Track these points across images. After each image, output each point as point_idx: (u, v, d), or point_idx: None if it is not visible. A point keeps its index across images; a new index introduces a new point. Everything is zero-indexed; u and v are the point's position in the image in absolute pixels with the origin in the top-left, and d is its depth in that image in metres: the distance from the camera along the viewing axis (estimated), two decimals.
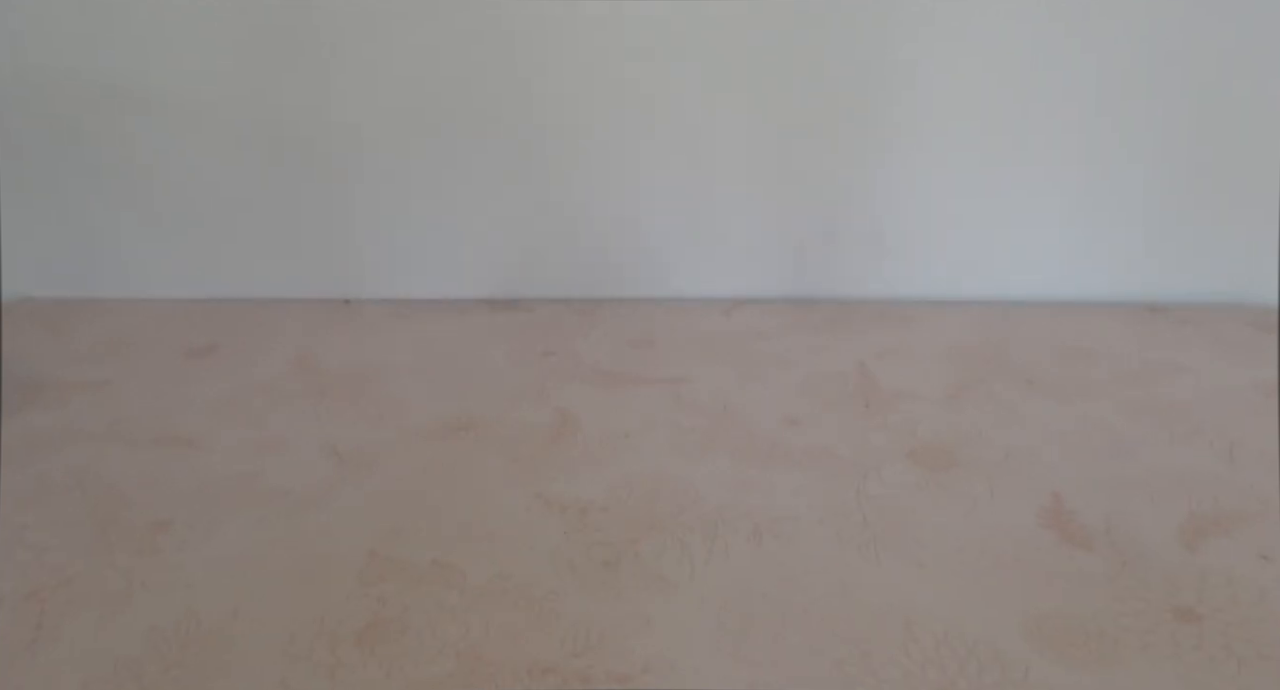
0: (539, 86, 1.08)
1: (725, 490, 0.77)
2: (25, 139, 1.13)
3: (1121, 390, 0.94)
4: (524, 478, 0.80)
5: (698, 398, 0.93)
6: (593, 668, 0.58)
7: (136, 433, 0.88)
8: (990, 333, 1.08)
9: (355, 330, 1.11)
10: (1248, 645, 0.60)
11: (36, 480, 0.80)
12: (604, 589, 0.66)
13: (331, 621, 0.62)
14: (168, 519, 0.74)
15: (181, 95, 1.10)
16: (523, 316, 1.15)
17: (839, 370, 0.99)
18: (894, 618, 0.62)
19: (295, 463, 0.82)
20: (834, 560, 0.68)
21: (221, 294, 1.20)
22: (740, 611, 0.63)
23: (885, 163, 1.10)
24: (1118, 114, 1.06)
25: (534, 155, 1.12)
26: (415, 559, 0.69)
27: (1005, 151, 1.09)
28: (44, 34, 1.07)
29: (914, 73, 1.05)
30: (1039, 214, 1.12)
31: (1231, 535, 0.70)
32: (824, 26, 1.03)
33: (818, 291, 1.18)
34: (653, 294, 1.18)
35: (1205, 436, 0.85)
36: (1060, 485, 0.77)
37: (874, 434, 0.86)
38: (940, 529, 0.72)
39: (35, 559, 0.69)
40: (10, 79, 1.10)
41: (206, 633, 0.62)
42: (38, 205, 1.16)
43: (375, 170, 1.13)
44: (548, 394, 0.95)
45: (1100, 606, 0.63)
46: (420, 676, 0.58)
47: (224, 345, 1.07)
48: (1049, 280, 1.16)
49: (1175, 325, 1.09)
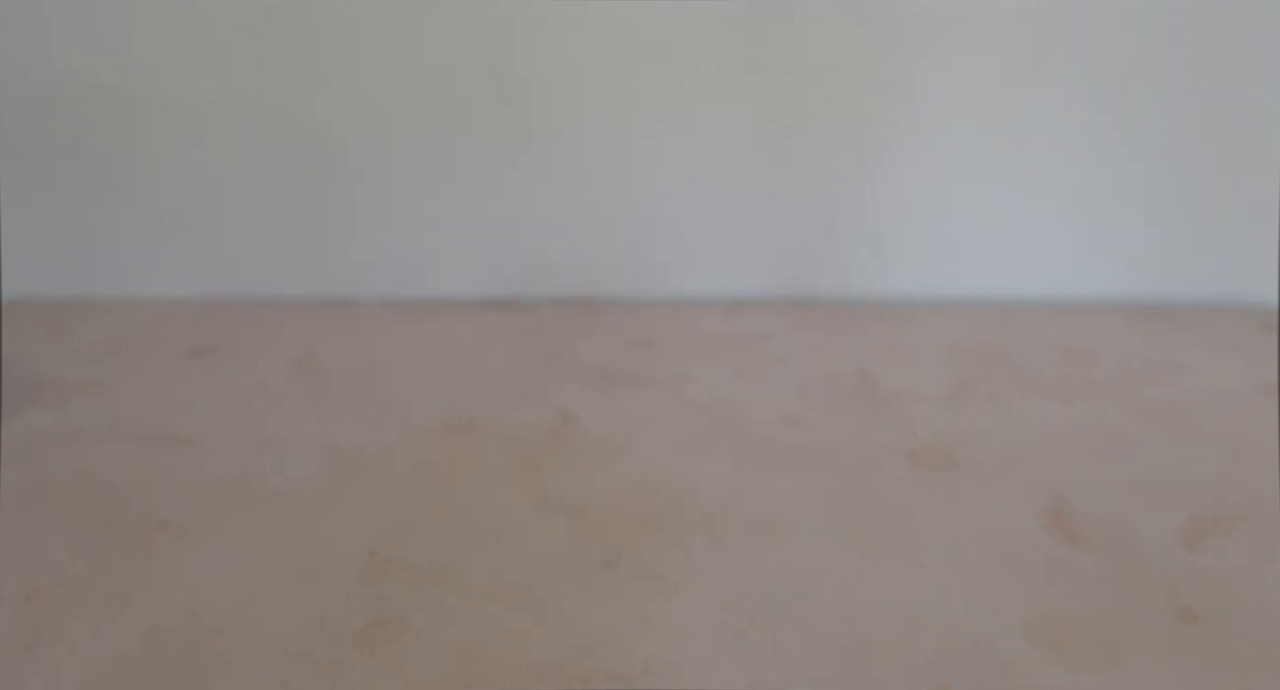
0: (540, 86, 1.08)
1: (725, 490, 0.77)
2: (25, 139, 1.13)
3: (1121, 390, 0.94)
4: (524, 478, 0.80)
5: (698, 398, 0.93)
6: (593, 668, 0.58)
7: (136, 433, 0.88)
8: (990, 333, 1.08)
9: (355, 330, 1.11)
10: (1248, 645, 0.59)
11: (36, 480, 0.80)
12: (604, 589, 0.66)
13: (331, 621, 0.62)
14: (168, 519, 0.74)
15: (181, 95, 1.10)
16: (523, 316, 1.15)
17: (839, 370, 0.99)
18: (894, 618, 0.62)
19: (295, 463, 0.82)
20: (834, 560, 0.68)
21: (221, 294, 1.20)
22: (740, 611, 0.63)
23: (885, 163, 1.10)
24: (1118, 114, 1.06)
25: (534, 155, 1.12)
26: (415, 559, 0.69)
27: (1005, 152, 1.09)
28: (44, 34, 1.07)
29: (914, 73, 1.06)
30: (1039, 214, 1.12)
31: (1231, 535, 0.70)
32: (824, 26, 1.04)
33: (818, 291, 1.18)
34: (653, 294, 1.19)
35: (1205, 436, 0.85)
36: (1060, 485, 0.77)
37: (874, 434, 0.86)
38: (940, 529, 0.72)
39: (35, 559, 0.69)
40: (10, 79, 1.10)
41: (206, 633, 0.62)
42: (38, 205, 1.16)
43: (375, 170, 1.13)
44: (548, 394, 0.94)
45: (1100, 606, 0.63)
46: (420, 676, 0.58)
47: (224, 345, 1.07)
48: (1049, 280, 1.16)
49: (1175, 325, 1.09)
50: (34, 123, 1.12)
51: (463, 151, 1.12)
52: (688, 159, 1.11)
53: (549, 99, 1.09)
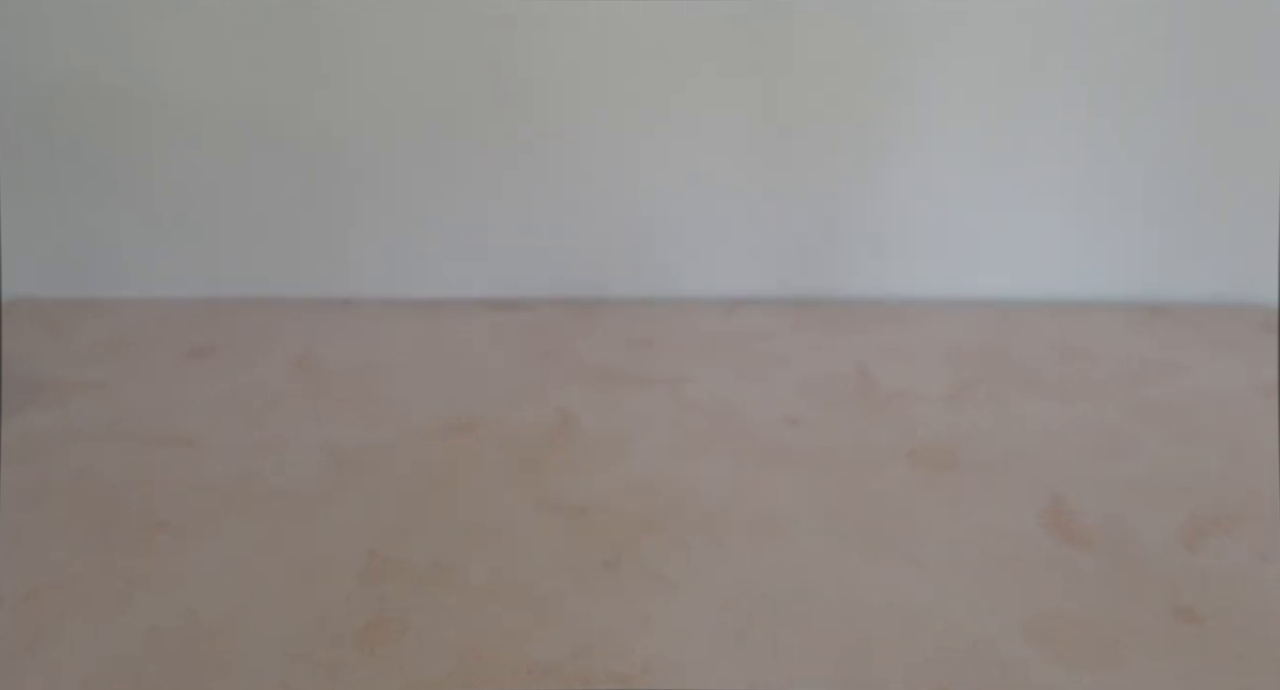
0: (540, 86, 1.08)
1: (725, 490, 0.77)
2: (25, 139, 1.13)
3: (1121, 390, 0.94)
4: (524, 478, 0.80)
5: (698, 398, 0.93)
6: (593, 668, 0.58)
7: (136, 433, 0.88)
8: (990, 333, 1.08)
9: (355, 330, 1.11)
10: (1248, 645, 0.60)
11: (36, 480, 0.80)
12: (604, 589, 0.66)
13: (331, 621, 0.62)
14: (168, 519, 0.74)
15: (181, 95, 1.10)
16: (523, 316, 1.15)
17: (839, 370, 0.99)
18: (894, 618, 0.62)
19: (295, 463, 0.82)
20: (834, 560, 0.68)
21: (221, 294, 1.20)
22: (740, 611, 0.63)
23: (885, 163, 1.10)
24: (1118, 114, 1.06)
25: (534, 155, 1.12)
26: (415, 559, 0.69)
27: (1005, 151, 1.09)
28: (44, 34, 1.07)
29: (914, 73, 1.06)
30: (1039, 214, 1.12)
31: (1231, 535, 0.70)
32: (824, 26, 1.03)
33: (818, 291, 1.18)
34: (653, 294, 1.19)
35: (1205, 436, 0.85)
36: (1060, 485, 0.77)
37: (874, 434, 0.86)
38: (940, 529, 0.72)
39: (35, 559, 0.69)
40: (10, 79, 1.10)
41: (206, 633, 0.62)
42: (38, 205, 1.17)
43: (376, 170, 1.13)
44: (548, 394, 0.94)
45: (1100, 606, 0.63)
46: (420, 676, 0.58)
47: (224, 345, 1.07)
48: (1049, 280, 1.16)
49: (1175, 325, 1.09)
50: (34, 123, 1.12)
51: (463, 151, 1.12)
52: (688, 159, 1.11)
53: (549, 99, 1.09)
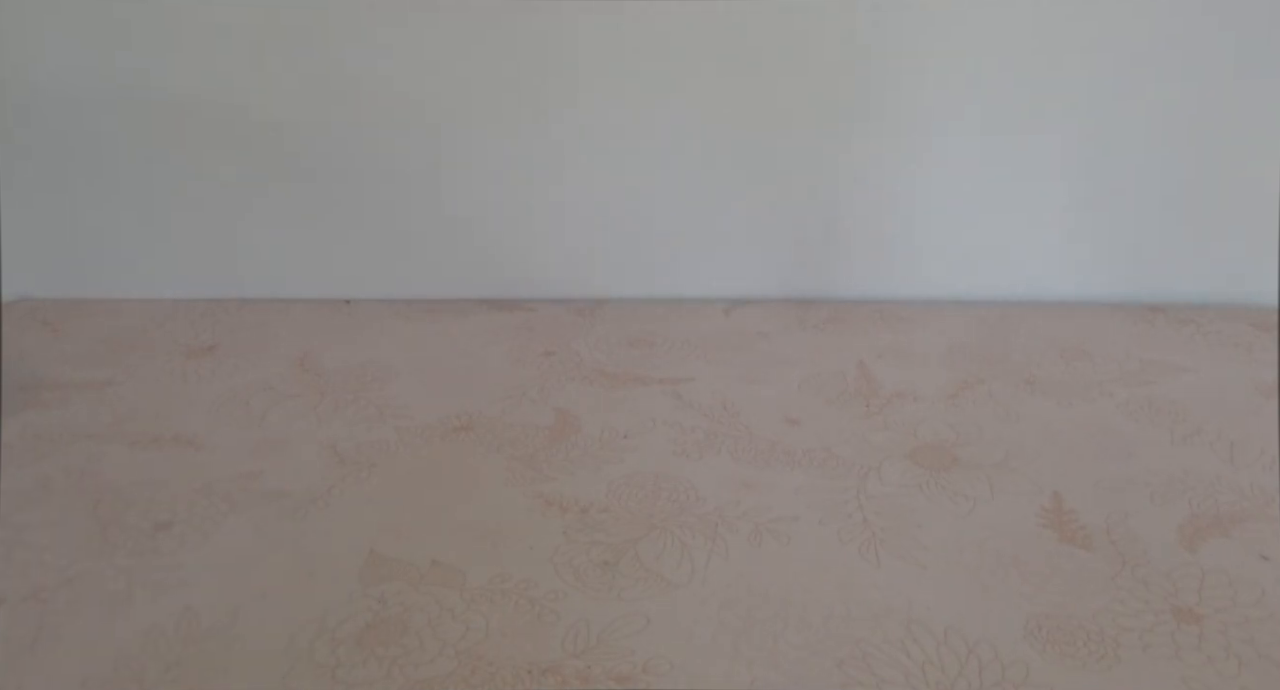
0: (539, 86, 1.08)
1: (725, 490, 0.77)
2: (25, 139, 1.13)
3: (1121, 390, 0.94)
4: (524, 478, 0.80)
5: (698, 398, 0.93)
6: (593, 668, 0.58)
7: (137, 433, 0.88)
8: (990, 333, 1.08)
9: (355, 330, 1.11)
10: (1248, 645, 0.60)
11: (36, 480, 0.80)
12: (604, 589, 0.66)
13: (331, 621, 0.62)
14: (168, 519, 0.74)
15: (181, 95, 1.10)
16: (523, 316, 1.15)
17: (839, 370, 0.99)
18: (894, 618, 0.62)
19: (295, 463, 0.82)
20: (834, 560, 0.68)
21: (221, 294, 1.20)
22: (740, 611, 0.63)
23: (885, 162, 1.10)
24: (1118, 114, 1.06)
25: (534, 155, 1.12)
26: (415, 559, 0.69)
27: (1005, 151, 1.09)
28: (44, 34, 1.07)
29: (914, 72, 1.05)
30: (1039, 214, 1.12)
31: (1231, 535, 0.70)
32: (825, 25, 1.03)
33: (818, 291, 1.18)
34: (653, 294, 1.18)
35: (1205, 436, 0.85)
36: (1060, 485, 0.77)
37: (874, 434, 0.86)
38: (940, 529, 0.72)
39: (35, 559, 0.69)
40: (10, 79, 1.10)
41: (206, 633, 0.62)
42: (38, 205, 1.16)
43: (375, 170, 1.13)
44: (548, 394, 0.94)
45: (1100, 606, 0.63)
46: (420, 676, 0.58)
47: (224, 345, 1.07)
48: (1049, 280, 1.16)
49: (1175, 325, 1.09)
50: (34, 123, 1.12)
51: (462, 152, 1.12)
52: (688, 158, 1.11)
53: (549, 98, 1.09)
